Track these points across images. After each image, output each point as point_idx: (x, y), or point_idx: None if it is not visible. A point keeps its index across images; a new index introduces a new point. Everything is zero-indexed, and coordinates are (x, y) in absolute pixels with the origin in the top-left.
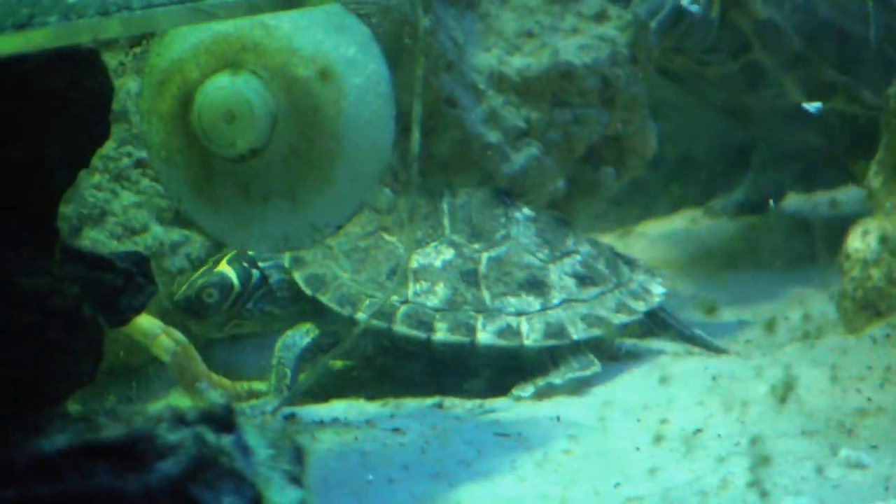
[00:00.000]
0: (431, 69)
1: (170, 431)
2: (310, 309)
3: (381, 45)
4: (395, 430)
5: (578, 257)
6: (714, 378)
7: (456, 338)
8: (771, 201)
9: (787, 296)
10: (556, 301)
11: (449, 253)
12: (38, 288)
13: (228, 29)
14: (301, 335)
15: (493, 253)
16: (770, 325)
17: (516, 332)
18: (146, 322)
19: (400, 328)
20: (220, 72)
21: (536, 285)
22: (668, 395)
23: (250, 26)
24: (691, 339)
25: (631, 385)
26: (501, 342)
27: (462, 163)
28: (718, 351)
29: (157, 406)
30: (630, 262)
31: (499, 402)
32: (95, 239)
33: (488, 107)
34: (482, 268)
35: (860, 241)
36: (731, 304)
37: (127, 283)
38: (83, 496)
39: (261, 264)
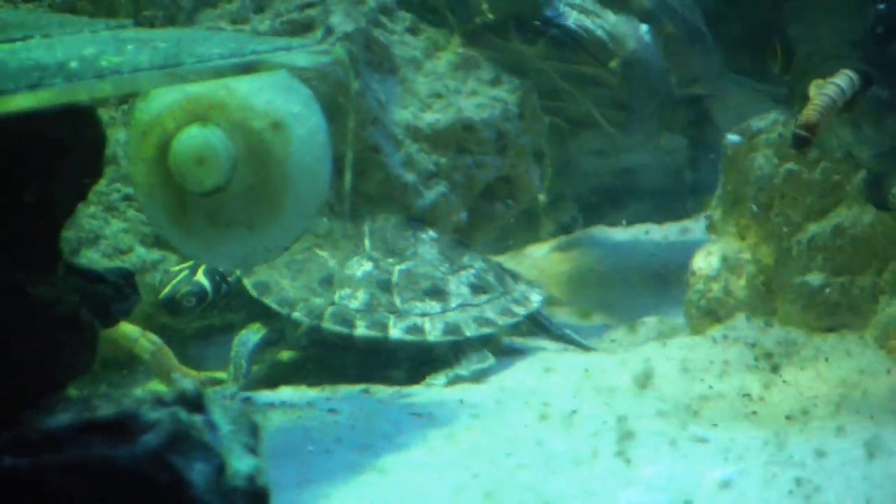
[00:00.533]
0: (360, 123)
1: (151, 411)
2: (259, 311)
3: (320, 103)
4: (331, 410)
5: (473, 271)
6: (587, 370)
7: (373, 333)
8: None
9: (646, 305)
10: (453, 305)
11: (368, 266)
12: (45, 297)
13: (198, 90)
14: (252, 333)
15: (403, 266)
16: (632, 327)
17: (421, 330)
18: (129, 328)
19: (328, 325)
20: (192, 124)
21: (438, 292)
22: (550, 384)
23: (216, 87)
24: (562, 339)
25: (520, 375)
26: (409, 337)
27: (385, 198)
28: (586, 348)
29: (140, 391)
30: (514, 276)
31: (414, 389)
32: (91, 258)
33: (406, 153)
34: (394, 278)
35: (703, 261)
36: (599, 311)
37: (116, 293)
38: (82, 463)
39: (229, 278)
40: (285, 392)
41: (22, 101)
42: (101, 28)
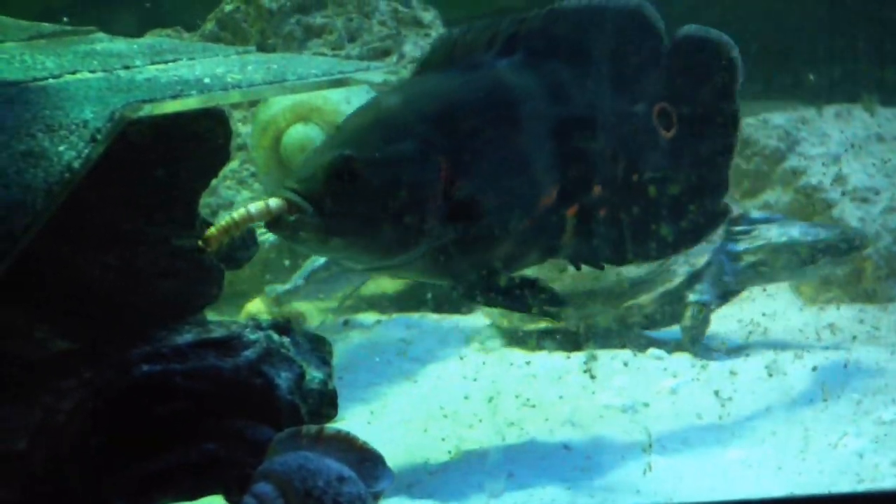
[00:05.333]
0: None
1: (251, 333)
2: None
3: None
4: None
5: None
6: None
7: None
8: None
9: None
10: None
11: None
12: (185, 246)
13: (302, 98)
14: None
15: None
16: None
17: None
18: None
19: None
20: (297, 123)
21: None
22: None
23: (314, 96)
24: None
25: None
26: None
27: None
28: None
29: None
30: None
31: (459, 316)
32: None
33: None
34: None
35: None
36: None
37: (241, 244)
38: (199, 369)
39: None
40: (369, 316)
41: (169, 107)
42: (232, 53)
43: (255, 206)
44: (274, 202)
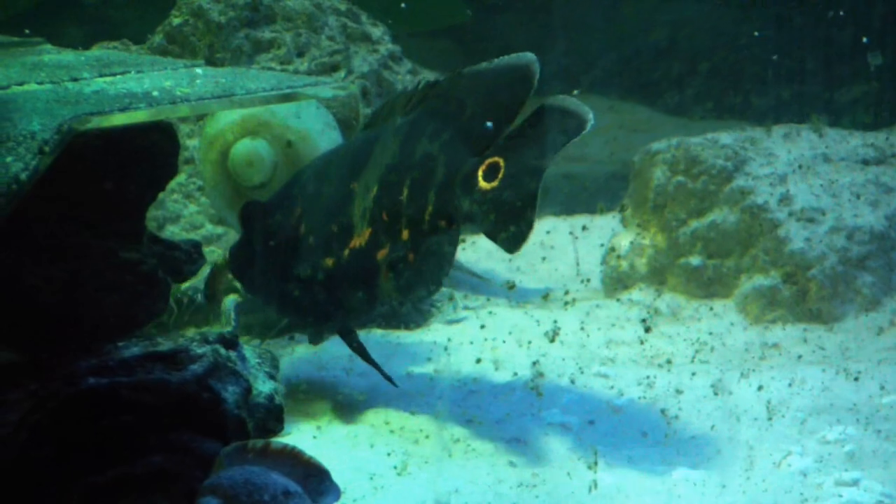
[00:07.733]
0: None
1: (198, 347)
2: None
3: (338, 123)
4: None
5: None
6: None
7: None
8: None
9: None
10: None
11: None
12: (132, 259)
13: (250, 112)
14: (233, 298)
15: None
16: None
17: None
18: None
19: None
20: (245, 137)
21: None
22: (484, 335)
23: (262, 111)
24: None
25: (463, 330)
26: None
27: None
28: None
29: (191, 332)
30: None
31: (401, 332)
32: (172, 231)
33: None
34: None
35: (617, 244)
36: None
37: (188, 258)
38: (146, 383)
39: None
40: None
41: (116, 120)
42: (180, 66)
43: None
44: None
